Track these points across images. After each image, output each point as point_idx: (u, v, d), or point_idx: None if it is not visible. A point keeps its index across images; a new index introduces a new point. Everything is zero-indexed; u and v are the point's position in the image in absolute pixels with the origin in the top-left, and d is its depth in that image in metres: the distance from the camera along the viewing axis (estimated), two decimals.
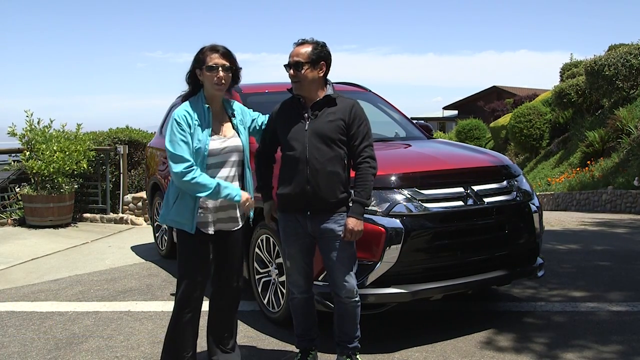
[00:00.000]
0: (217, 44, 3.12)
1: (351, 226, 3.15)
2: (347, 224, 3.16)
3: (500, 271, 3.93)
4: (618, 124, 13.26)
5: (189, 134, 3.02)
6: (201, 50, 3.11)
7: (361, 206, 3.18)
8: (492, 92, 41.01)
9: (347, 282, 3.22)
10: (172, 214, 3.12)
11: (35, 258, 6.73)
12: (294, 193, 3.21)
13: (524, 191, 4.11)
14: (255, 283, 4.34)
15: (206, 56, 3.08)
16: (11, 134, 8.57)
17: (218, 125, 3.17)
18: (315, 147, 3.17)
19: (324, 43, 3.26)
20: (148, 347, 3.87)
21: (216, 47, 3.11)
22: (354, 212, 3.17)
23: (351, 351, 3.32)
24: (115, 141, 9.89)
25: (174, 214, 3.11)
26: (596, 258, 6.10)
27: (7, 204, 9.22)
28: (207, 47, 3.11)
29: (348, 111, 3.22)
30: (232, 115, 3.24)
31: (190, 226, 3.08)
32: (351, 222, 3.16)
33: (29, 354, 3.85)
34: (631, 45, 15.46)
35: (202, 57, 3.09)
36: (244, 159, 3.25)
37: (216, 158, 3.10)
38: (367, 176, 3.19)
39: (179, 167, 2.97)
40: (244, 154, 3.23)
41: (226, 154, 3.14)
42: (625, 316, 4.20)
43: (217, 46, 3.11)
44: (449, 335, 3.90)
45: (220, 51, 3.10)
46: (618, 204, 11.10)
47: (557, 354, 3.57)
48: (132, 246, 7.33)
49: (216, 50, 3.10)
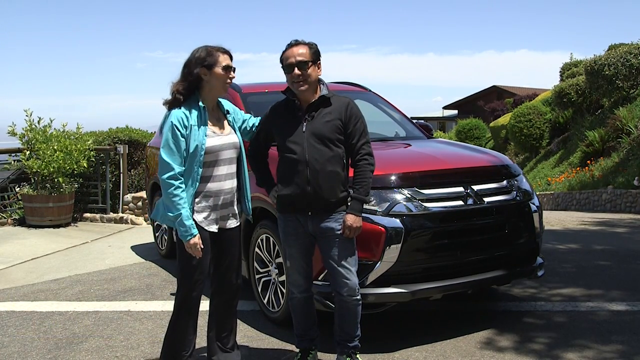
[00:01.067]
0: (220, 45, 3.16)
1: (350, 222, 3.16)
2: (346, 221, 3.17)
3: (500, 271, 3.93)
4: (618, 124, 13.26)
5: (184, 137, 3.03)
6: (208, 51, 3.11)
7: (360, 203, 3.19)
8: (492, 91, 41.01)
9: (349, 280, 3.22)
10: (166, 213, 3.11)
11: (35, 258, 6.73)
12: (294, 194, 3.21)
13: (524, 191, 4.11)
14: (255, 283, 4.33)
15: (217, 57, 3.11)
16: (11, 133, 8.56)
17: (215, 123, 3.19)
18: (315, 148, 3.17)
19: (315, 43, 3.29)
20: (148, 347, 3.87)
21: (225, 49, 3.16)
22: (353, 209, 3.18)
23: (351, 350, 3.32)
24: (115, 141, 9.88)
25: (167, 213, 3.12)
26: (596, 258, 6.10)
27: (7, 203, 9.22)
28: (215, 48, 3.13)
29: (344, 110, 3.23)
30: (227, 113, 3.29)
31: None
32: (350, 219, 3.17)
33: (29, 353, 3.85)
34: (631, 44, 15.45)
35: (212, 58, 3.10)
36: (241, 156, 3.27)
37: (214, 155, 3.11)
38: (366, 173, 3.21)
39: (164, 174, 3.02)
40: (241, 151, 3.26)
41: (224, 151, 3.15)
42: (626, 316, 4.20)
43: (225, 48, 3.16)
44: (449, 335, 3.90)
45: (229, 53, 3.17)
46: (618, 204, 11.10)
47: (558, 354, 3.57)
48: (132, 246, 7.33)
49: (226, 51, 3.16)
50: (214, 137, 3.13)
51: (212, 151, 3.10)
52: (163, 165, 3.03)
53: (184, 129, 3.03)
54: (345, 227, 3.18)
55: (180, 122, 3.04)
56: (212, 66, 3.10)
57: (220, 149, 3.14)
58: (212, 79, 3.11)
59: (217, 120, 3.21)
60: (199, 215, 3.11)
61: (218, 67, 3.10)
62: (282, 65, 3.27)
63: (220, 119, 3.24)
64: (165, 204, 3.06)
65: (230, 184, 3.21)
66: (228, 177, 3.19)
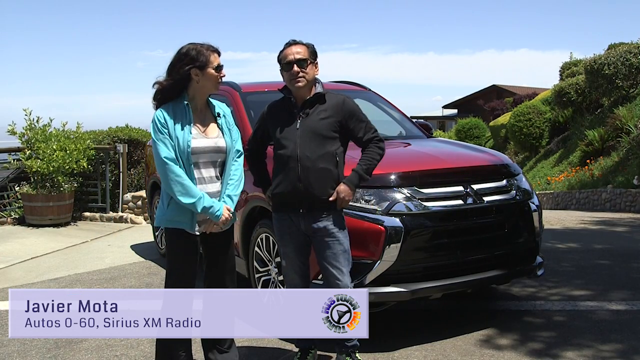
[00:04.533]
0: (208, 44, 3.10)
1: (340, 191, 3.18)
2: (338, 189, 3.19)
3: (500, 270, 3.93)
4: (618, 123, 13.26)
5: (168, 136, 2.99)
6: (198, 51, 3.04)
7: (357, 176, 3.22)
8: (491, 91, 40.99)
9: (341, 281, 3.22)
10: (169, 213, 3.08)
11: (34, 257, 6.73)
12: (286, 191, 3.22)
13: (524, 190, 4.11)
14: (255, 282, 4.34)
15: (209, 56, 3.05)
16: (11, 132, 8.56)
17: (198, 124, 3.11)
18: (307, 145, 3.18)
19: (312, 44, 3.32)
20: (147, 346, 3.88)
21: (214, 47, 3.10)
22: (349, 180, 3.20)
23: (350, 349, 3.32)
24: (115, 140, 9.88)
25: (171, 213, 3.07)
26: (596, 257, 6.10)
27: (7, 202, 9.22)
28: (205, 47, 3.07)
29: (340, 108, 3.25)
30: (218, 116, 3.18)
31: (190, 225, 3.06)
32: (341, 188, 3.19)
33: (29, 352, 3.85)
34: (631, 44, 15.44)
35: (204, 57, 3.04)
36: (226, 160, 3.15)
37: (194, 157, 3.04)
38: (374, 154, 3.27)
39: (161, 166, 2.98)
40: (227, 155, 3.14)
41: (205, 154, 3.07)
42: (625, 315, 4.20)
43: (214, 46, 3.10)
44: (449, 334, 3.90)
45: (219, 51, 3.12)
46: (618, 203, 11.09)
47: (557, 353, 3.58)
48: (132, 245, 7.33)
49: (216, 50, 3.10)
50: (197, 139, 3.05)
51: (195, 152, 3.03)
52: (158, 160, 2.99)
53: (165, 128, 3.00)
54: (336, 196, 3.19)
55: (161, 120, 3.00)
56: (205, 67, 3.04)
57: (203, 151, 3.06)
58: (203, 79, 3.06)
59: (202, 122, 3.13)
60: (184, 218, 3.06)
61: (210, 68, 3.05)
62: (281, 63, 3.28)
63: (207, 121, 3.15)
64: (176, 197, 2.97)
65: (212, 188, 3.11)
66: (211, 180, 3.11)
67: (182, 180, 2.97)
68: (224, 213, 3.06)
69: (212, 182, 3.12)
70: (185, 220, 3.06)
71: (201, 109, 3.15)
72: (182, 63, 3.04)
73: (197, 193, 2.99)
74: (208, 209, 3.00)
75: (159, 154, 2.99)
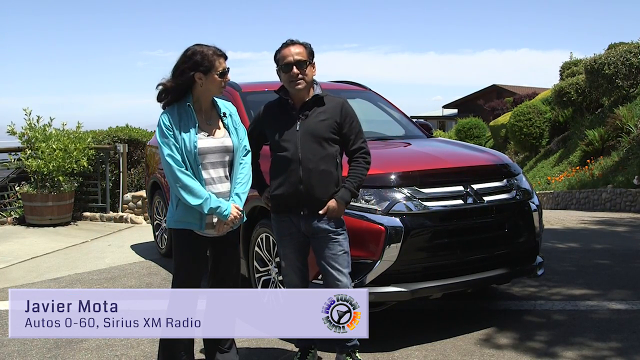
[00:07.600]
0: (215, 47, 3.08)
1: (331, 209, 3.18)
2: (329, 205, 3.18)
3: (500, 270, 3.93)
4: (618, 123, 13.25)
5: (174, 138, 3.00)
6: (203, 55, 3.02)
7: (348, 193, 3.21)
8: (491, 90, 40.99)
9: (340, 281, 3.21)
10: (177, 214, 3.08)
11: (34, 257, 6.73)
12: (287, 193, 3.21)
13: (524, 190, 4.11)
14: (255, 282, 4.34)
15: (214, 61, 3.03)
16: (11, 132, 8.56)
17: (204, 124, 3.11)
18: (308, 147, 3.17)
19: (309, 43, 3.29)
20: (148, 346, 3.87)
21: (221, 51, 3.08)
22: (339, 197, 3.19)
23: (350, 349, 3.31)
24: (115, 140, 9.88)
25: (180, 214, 3.07)
26: (596, 256, 6.10)
27: (7, 202, 9.22)
28: (211, 51, 3.04)
29: (339, 110, 3.24)
30: (224, 115, 3.18)
31: (199, 225, 3.06)
32: (332, 205, 3.18)
33: (29, 352, 3.85)
34: (631, 44, 15.44)
35: (209, 62, 3.02)
36: (234, 159, 3.16)
37: (201, 158, 3.04)
38: (361, 169, 3.24)
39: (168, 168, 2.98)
40: (234, 154, 3.15)
41: (212, 154, 3.07)
42: (625, 314, 4.20)
43: (220, 50, 3.08)
44: (449, 333, 3.90)
45: (225, 55, 3.10)
46: (618, 203, 11.09)
47: (557, 352, 3.58)
48: (132, 245, 7.33)
49: (222, 54, 3.08)
50: (203, 139, 3.05)
51: (201, 153, 3.04)
52: (164, 162, 3.00)
53: (170, 131, 3.00)
54: (327, 210, 3.19)
55: (167, 123, 3.00)
56: (209, 71, 3.03)
57: (210, 152, 3.06)
58: (207, 83, 3.05)
59: (208, 122, 3.12)
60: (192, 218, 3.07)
61: (214, 73, 3.03)
62: (279, 64, 3.25)
63: (213, 121, 3.15)
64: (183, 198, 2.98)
65: (222, 188, 3.12)
66: (220, 180, 3.12)
67: (188, 182, 2.97)
68: (232, 211, 3.07)
69: (221, 182, 3.13)
70: (194, 221, 3.06)
71: (206, 109, 3.15)
72: (186, 66, 3.03)
73: (203, 194, 2.99)
74: (215, 209, 3.01)
75: (165, 156, 3.00)
